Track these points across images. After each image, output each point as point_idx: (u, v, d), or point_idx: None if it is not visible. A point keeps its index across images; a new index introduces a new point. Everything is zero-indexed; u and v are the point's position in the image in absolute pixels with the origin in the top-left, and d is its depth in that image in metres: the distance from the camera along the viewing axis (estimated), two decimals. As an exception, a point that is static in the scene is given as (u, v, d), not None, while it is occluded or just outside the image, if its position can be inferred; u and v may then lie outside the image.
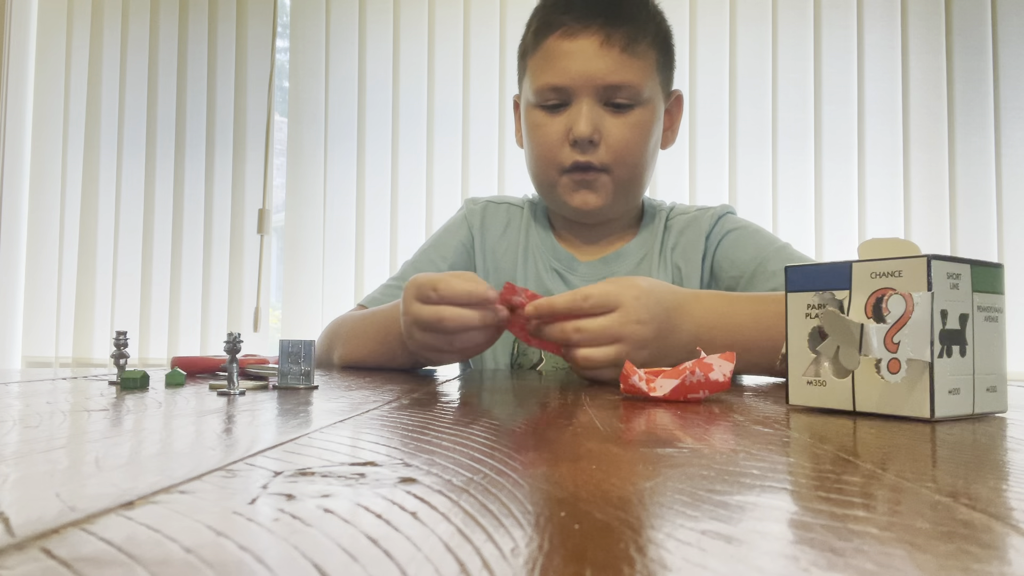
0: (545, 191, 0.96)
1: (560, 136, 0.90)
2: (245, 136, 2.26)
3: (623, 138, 0.89)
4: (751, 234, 0.96)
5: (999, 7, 2.05)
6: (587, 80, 0.88)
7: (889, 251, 0.43)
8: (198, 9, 2.28)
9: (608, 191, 0.92)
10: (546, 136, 0.91)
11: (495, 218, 1.04)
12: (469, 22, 2.19)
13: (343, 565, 0.15)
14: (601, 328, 0.64)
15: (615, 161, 0.90)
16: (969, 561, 0.16)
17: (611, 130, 0.89)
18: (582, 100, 0.89)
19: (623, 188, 0.93)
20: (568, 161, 0.90)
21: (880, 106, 2.07)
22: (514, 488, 0.22)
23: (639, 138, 0.91)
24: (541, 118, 0.92)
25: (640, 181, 0.94)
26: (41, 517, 0.18)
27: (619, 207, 0.96)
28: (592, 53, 0.88)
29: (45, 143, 2.33)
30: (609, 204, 0.93)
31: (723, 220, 0.98)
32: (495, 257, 1.02)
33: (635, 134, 0.90)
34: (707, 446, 0.31)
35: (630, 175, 0.92)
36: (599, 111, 0.89)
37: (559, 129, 0.90)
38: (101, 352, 2.27)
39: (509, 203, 1.07)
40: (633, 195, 0.96)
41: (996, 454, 0.30)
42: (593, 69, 0.88)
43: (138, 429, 0.34)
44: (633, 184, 0.94)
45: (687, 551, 0.16)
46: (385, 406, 0.45)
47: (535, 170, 0.95)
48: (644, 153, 0.92)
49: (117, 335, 0.61)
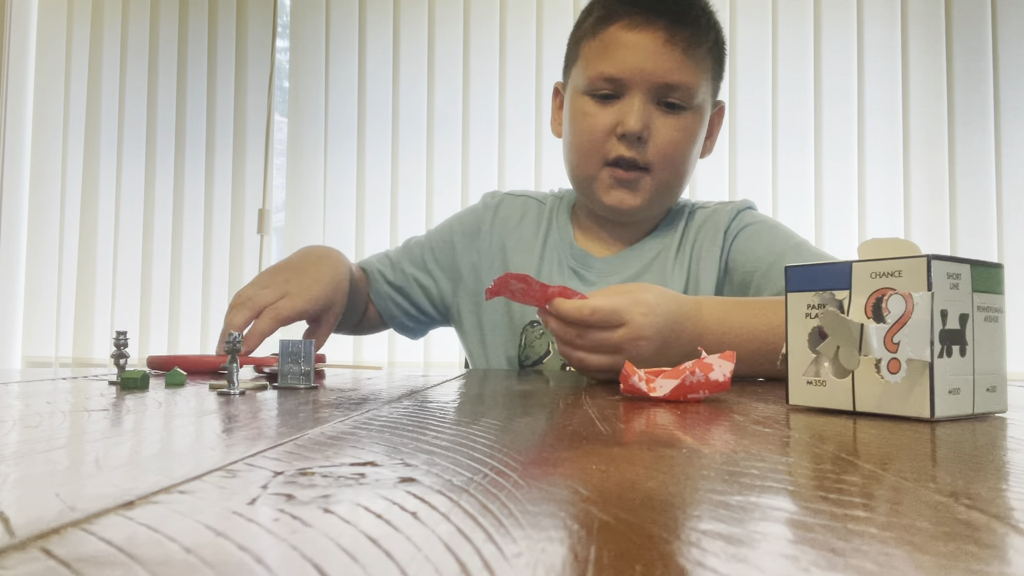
0: (581, 183, 0.94)
1: (607, 128, 0.89)
2: (245, 136, 2.26)
3: (671, 139, 0.88)
4: (768, 229, 0.95)
5: (999, 7, 2.05)
6: (645, 76, 0.87)
7: (889, 251, 0.43)
8: (198, 9, 2.28)
9: (647, 192, 0.91)
10: (593, 126, 0.90)
11: (510, 210, 1.04)
12: (469, 22, 2.19)
13: (343, 565, 0.15)
14: (604, 340, 0.64)
15: (660, 161, 0.89)
16: (969, 561, 0.16)
17: (660, 129, 0.88)
18: (635, 95, 0.87)
19: (662, 191, 0.92)
20: (612, 154, 0.89)
21: (880, 106, 2.07)
22: (514, 488, 0.22)
23: (686, 141, 0.90)
24: (590, 107, 0.90)
25: (679, 185, 0.94)
26: (41, 517, 0.18)
27: (654, 209, 0.95)
28: (654, 49, 0.87)
29: (45, 143, 2.33)
30: (646, 206, 0.92)
31: (742, 215, 0.97)
32: (505, 250, 1.01)
33: (683, 137, 0.89)
34: (707, 446, 0.31)
35: (671, 178, 0.91)
36: (651, 109, 0.88)
37: (608, 121, 0.89)
38: (101, 352, 2.27)
39: (528, 196, 1.06)
40: (670, 199, 0.95)
41: (996, 454, 0.30)
42: (653, 65, 0.87)
43: (138, 429, 0.34)
44: (672, 187, 0.93)
45: (687, 551, 0.16)
46: (385, 406, 0.45)
47: (574, 160, 0.94)
48: (688, 157, 0.91)
49: (117, 335, 0.61)
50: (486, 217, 1.04)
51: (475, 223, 1.04)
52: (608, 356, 0.65)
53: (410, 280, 1.03)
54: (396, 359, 2.15)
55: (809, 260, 0.88)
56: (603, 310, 0.64)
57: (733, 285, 0.94)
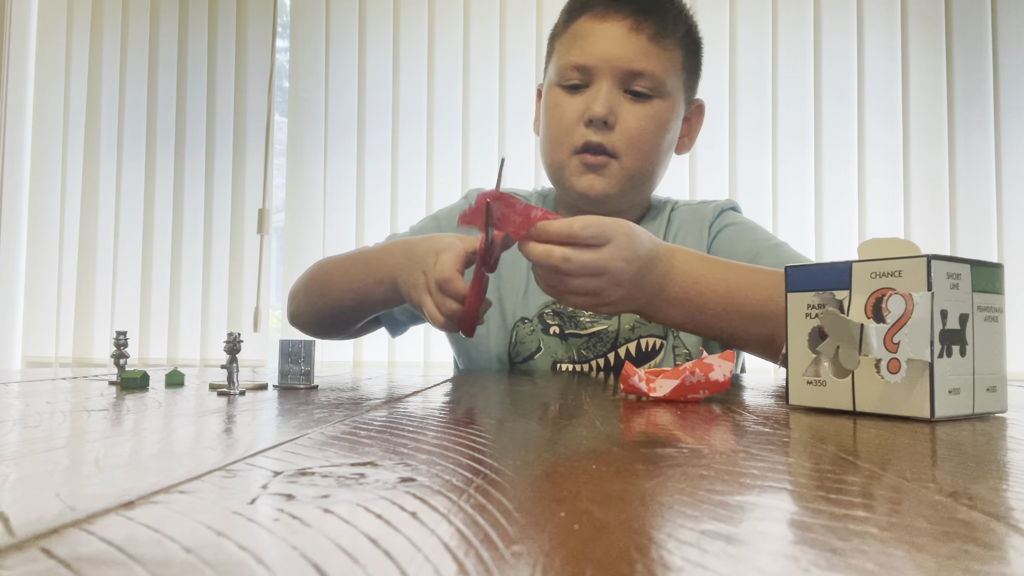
0: (554, 172, 0.96)
1: (576, 116, 0.90)
2: (245, 136, 2.26)
3: (638, 126, 0.89)
4: (748, 230, 0.97)
5: (999, 7, 2.05)
6: (610, 63, 0.88)
7: (889, 251, 0.43)
8: (198, 9, 2.27)
9: (616, 178, 0.91)
10: (563, 115, 0.91)
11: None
12: (469, 22, 2.19)
13: (343, 565, 0.15)
14: (591, 260, 0.65)
15: (627, 147, 0.90)
16: (969, 561, 0.16)
17: (627, 116, 0.89)
18: (602, 82, 0.89)
19: (631, 178, 0.92)
20: (580, 141, 0.90)
21: (880, 106, 2.07)
22: (514, 488, 0.22)
23: (654, 129, 0.91)
24: (561, 97, 0.92)
25: (650, 175, 0.94)
26: (41, 517, 0.18)
27: (626, 199, 0.95)
28: (619, 37, 0.89)
29: (45, 143, 2.33)
30: (616, 193, 0.92)
31: (725, 214, 0.99)
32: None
33: (651, 124, 0.90)
34: (707, 446, 0.31)
35: (640, 165, 0.92)
36: (618, 95, 0.89)
37: (577, 109, 0.90)
38: (101, 352, 2.27)
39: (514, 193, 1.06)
40: (641, 188, 0.96)
41: (996, 454, 0.30)
42: (618, 52, 0.88)
43: (138, 429, 0.34)
44: (642, 176, 0.93)
45: (687, 551, 0.16)
46: (385, 406, 0.45)
47: (546, 149, 0.95)
48: (657, 146, 0.92)
49: (117, 335, 0.61)
50: None
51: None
52: (593, 279, 0.66)
53: None
54: (396, 359, 2.15)
55: (784, 260, 0.89)
56: (593, 225, 0.65)
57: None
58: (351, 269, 0.91)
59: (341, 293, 0.91)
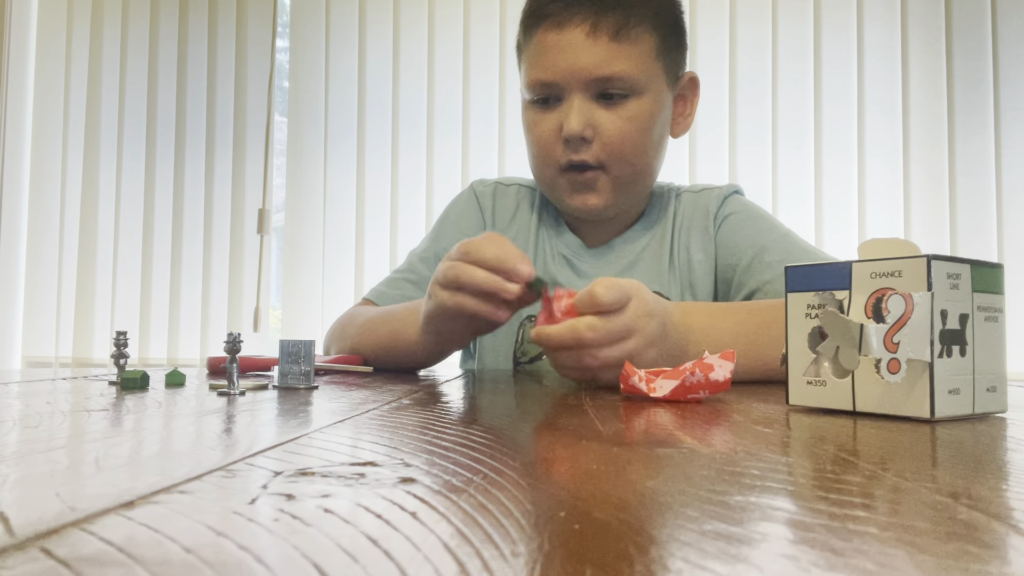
0: (546, 190, 0.94)
1: (553, 134, 0.87)
2: (245, 136, 2.26)
3: (618, 132, 0.85)
4: (752, 219, 0.93)
5: (999, 7, 2.05)
6: (575, 74, 0.84)
7: (889, 251, 0.43)
8: (198, 9, 2.27)
9: (608, 190, 0.88)
10: (540, 134, 0.88)
11: (504, 201, 1.02)
12: (469, 22, 2.19)
13: (343, 565, 0.15)
14: (617, 323, 0.60)
15: (611, 158, 0.86)
16: (969, 561, 0.16)
17: (605, 125, 0.85)
18: (573, 95, 0.85)
19: (624, 185, 0.89)
20: (563, 160, 0.87)
21: (880, 106, 2.07)
22: (514, 488, 0.22)
23: (636, 131, 0.86)
24: (535, 115, 0.89)
25: (644, 175, 0.91)
26: (41, 517, 0.18)
27: (623, 203, 0.93)
28: (579, 45, 0.83)
29: (45, 143, 2.33)
30: (611, 203, 0.90)
31: (728, 202, 0.95)
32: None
33: (631, 127, 0.86)
34: (707, 446, 0.31)
35: (630, 171, 0.88)
36: (590, 106, 0.85)
37: (552, 127, 0.87)
38: (101, 352, 2.27)
39: (519, 184, 1.03)
40: (638, 190, 0.92)
41: (996, 454, 0.30)
42: (581, 62, 0.83)
43: (138, 429, 0.34)
44: (636, 179, 0.90)
45: (687, 551, 0.16)
46: (385, 406, 0.45)
47: (533, 167, 0.93)
48: (643, 145, 0.88)
49: (117, 335, 0.61)
50: (485, 206, 1.02)
51: (478, 214, 1.02)
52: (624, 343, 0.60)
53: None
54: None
55: (793, 251, 0.87)
56: (613, 288, 0.59)
57: (715, 276, 0.93)
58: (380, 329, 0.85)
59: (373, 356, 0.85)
